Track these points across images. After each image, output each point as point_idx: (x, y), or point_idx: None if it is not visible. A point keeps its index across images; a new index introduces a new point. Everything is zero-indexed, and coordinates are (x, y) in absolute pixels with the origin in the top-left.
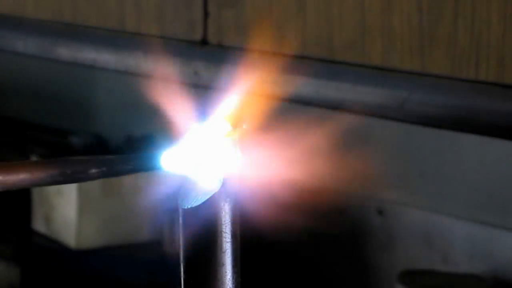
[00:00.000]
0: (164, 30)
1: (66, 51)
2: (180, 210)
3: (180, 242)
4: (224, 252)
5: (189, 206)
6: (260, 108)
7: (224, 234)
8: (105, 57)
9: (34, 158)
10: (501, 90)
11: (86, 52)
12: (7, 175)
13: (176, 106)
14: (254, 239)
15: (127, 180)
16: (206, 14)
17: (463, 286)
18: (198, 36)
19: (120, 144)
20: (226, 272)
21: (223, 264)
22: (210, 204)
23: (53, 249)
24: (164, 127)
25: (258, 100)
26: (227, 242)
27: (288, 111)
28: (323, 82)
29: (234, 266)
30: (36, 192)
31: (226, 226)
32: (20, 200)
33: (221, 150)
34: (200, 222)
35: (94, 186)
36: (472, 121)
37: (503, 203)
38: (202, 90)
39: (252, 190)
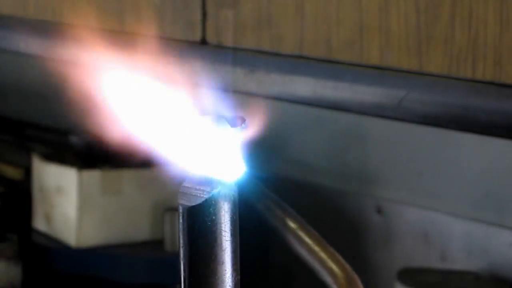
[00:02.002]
0: (163, 30)
1: (66, 51)
2: (181, 209)
3: (180, 241)
4: (224, 250)
5: (189, 205)
6: (259, 107)
7: (224, 233)
8: (104, 57)
9: (35, 156)
10: (497, 89)
11: (86, 52)
12: None
13: (175, 106)
14: (253, 238)
15: (127, 178)
16: (204, 14)
17: (461, 283)
18: (197, 36)
19: (120, 143)
20: (225, 270)
21: (222, 263)
22: (210, 203)
23: (53, 247)
24: (164, 127)
25: (256, 100)
26: (227, 240)
27: (287, 111)
28: (321, 81)
29: (234, 264)
30: (36, 191)
31: (225, 225)
32: (20, 199)
33: (221, 149)
34: (200, 221)
35: (94, 184)
36: (469, 120)
37: (500, 201)
38: (201, 90)
39: (252, 188)
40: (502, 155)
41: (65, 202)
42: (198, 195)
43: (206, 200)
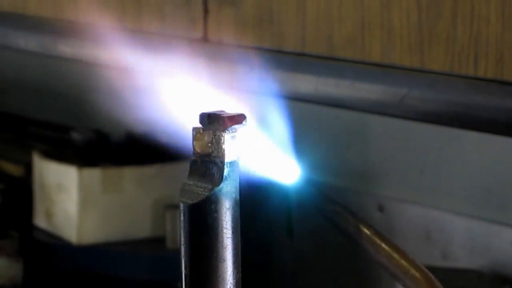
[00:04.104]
0: (165, 27)
1: (67, 48)
2: (182, 206)
3: (182, 238)
4: (225, 248)
5: (190, 203)
6: (260, 105)
7: (225, 230)
8: (105, 54)
9: (35, 153)
10: (499, 87)
11: (87, 49)
12: None
13: (176, 102)
14: (253, 237)
15: (128, 175)
16: (206, 11)
17: (463, 281)
18: (198, 33)
19: (120, 140)
20: (227, 267)
21: (224, 260)
22: (211, 201)
23: (54, 244)
24: (164, 124)
25: (257, 98)
26: (228, 238)
27: (288, 108)
28: (322, 79)
29: (235, 261)
30: (37, 188)
31: (227, 223)
32: (21, 196)
33: (222, 146)
34: (202, 218)
35: (95, 181)
36: (471, 118)
37: (502, 199)
38: (202, 88)
39: (252, 186)
40: (504, 152)
41: (66, 200)
42: (200, 192)
43: (207, 197)
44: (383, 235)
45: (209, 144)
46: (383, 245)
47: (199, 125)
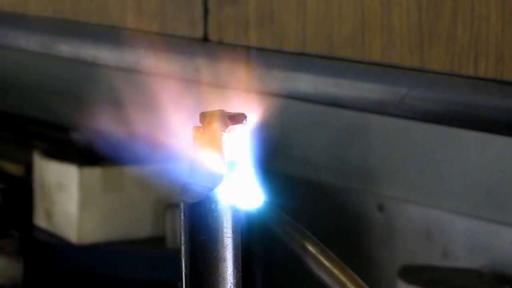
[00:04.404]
0: (165, 27)
1: (67, 48)
2: (182, 205)
3: (182, 238)
4: (225, 247)
5: (191, 202)
6: (260, 104)
7: (225, 230)
8: (106, 54)
9: (36, 153)
10: (499, 86)
11: (87, 48)
12: None
13: (177, 103)
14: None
15: (129, 174)
16: (206, 11)
17: (463, 281)
18: (199, 33)
19: (120, 140)
20: (227, 267)
21: (224, 259)
22: (211, 200)
23: (54, 244)
24: (165, 124)
25: (258, 97)
26: (228, 237)
27: (288, 108)
28: (323, 78)
29: (235, 261)
30: (37, 187)
31: (227, 222)
32: (21, 195)
33: (222, 146)
34: (202, 218)
35: (95, 181)
36: (471, 117)
37: (502, 198)
38: (203, 87)
39: (252, 185)
40: (504, 152)
41: (66, 199)
42: (200, 191)
43: (207, 196)
44: (328, 253)
45: (209, 144)
46: (325, 261)
47: (199, 125)
